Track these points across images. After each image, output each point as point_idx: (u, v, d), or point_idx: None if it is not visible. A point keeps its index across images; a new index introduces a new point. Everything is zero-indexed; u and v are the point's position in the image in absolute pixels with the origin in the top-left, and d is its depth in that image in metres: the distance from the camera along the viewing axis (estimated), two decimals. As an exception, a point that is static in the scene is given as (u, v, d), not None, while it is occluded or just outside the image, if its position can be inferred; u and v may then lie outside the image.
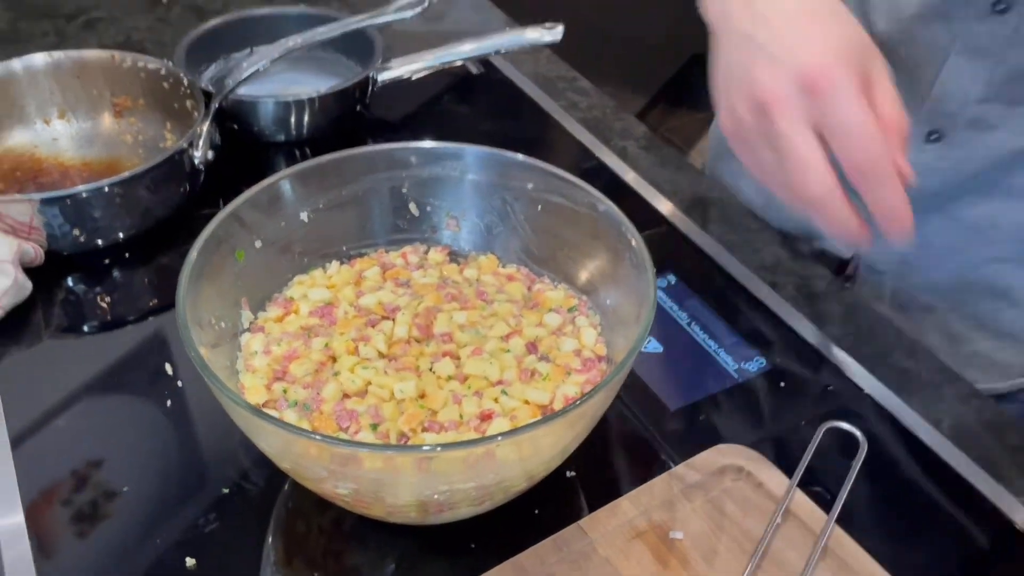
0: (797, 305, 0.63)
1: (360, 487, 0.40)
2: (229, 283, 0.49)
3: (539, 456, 0.42)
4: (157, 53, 0.77)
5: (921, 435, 0.54)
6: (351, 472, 0.39)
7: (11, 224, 0.61)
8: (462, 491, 0.41)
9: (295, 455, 0.40)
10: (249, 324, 0.50)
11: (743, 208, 0.71)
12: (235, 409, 0.39)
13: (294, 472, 0.43)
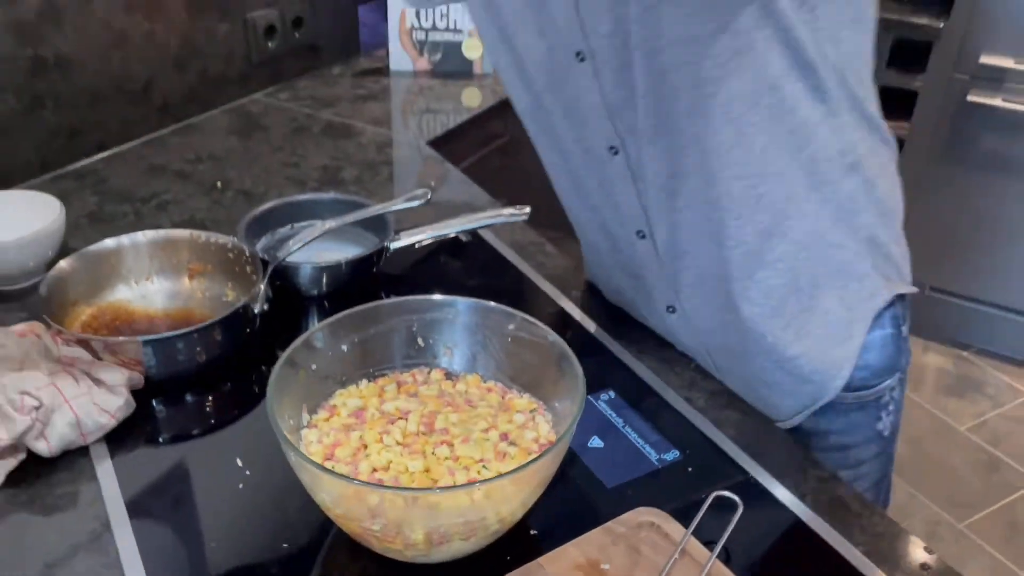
0: (704, 413, 0.84)
1: (387, 522, 0.61)
2: (294, 394, 0.70)
3: (508, 502, 0.63)
4: (215, 228, 1.00)
5: (784, 500, 0.74)
6: (380, 510, 0.60)
7: (122, 359, 0.83)
8: (454, 525, 0.61)
9: (346, 499, 0.61)
10: (307, 423, 0.72)
11: (665, 342, 0.94)
12: (307, 468, 0.60)
13: (343, 515, 0.63)
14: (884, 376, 0.88)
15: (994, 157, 2.26)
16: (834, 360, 0.84)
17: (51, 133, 1.27)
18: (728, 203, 0.77)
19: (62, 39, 1.25)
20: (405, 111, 1.60)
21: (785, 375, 0.86)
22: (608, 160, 0.81)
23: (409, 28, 1.68)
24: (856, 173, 0.79)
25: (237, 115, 1.50)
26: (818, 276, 0.82)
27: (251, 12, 1.54)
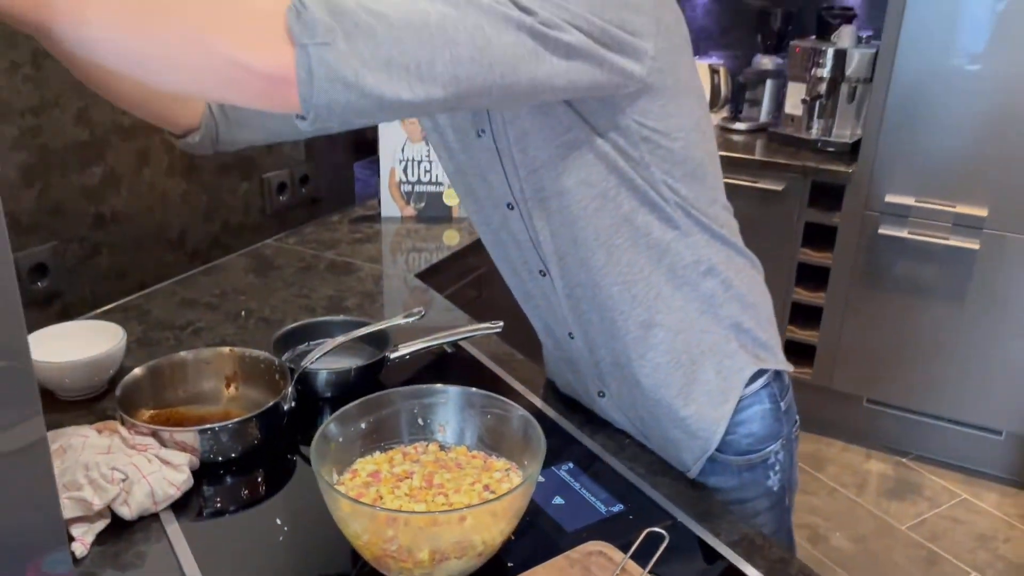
0: (642, 477, 1.08)
1: (401, 545, 0.83)
2: (327, 460, 0.93)
3: (488, 529, 0.85)
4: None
5: (702, 537, 0.97)
6: (395, 535, 0.82)
7: (182, 445, 1.06)
8: (450, 546, 0.83)
9: (373, 525, 0.83)
10: (336, 482, 0.94)
11: (606, 421, 1.18)
12: (344, 503, 0.83)
13: (368, 542, 0.85)
14: (768, 442, 1.11)
15: (906, 282, 2.58)
16: (714, 419, 1.08)
17: (104, 275, 1.53)
18: (612, 303, 1.04)
19: (118, 199, 1.53)
20: (395, 250, 1.88)
21: (681, 432, 1.10)
22: (540, 279, 1.08)
23: (397, 181, 2.00)
24: (712, 276, 1.05)
25: (254, 257, 1.78)
26: (695, 354, 1.07)
27: (266, 173, 1.85)
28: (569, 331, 1.11)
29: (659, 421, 1.10)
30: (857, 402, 2.81)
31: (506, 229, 1.07)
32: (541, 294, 1.11)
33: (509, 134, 0.97)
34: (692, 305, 1.05)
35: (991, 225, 2.42)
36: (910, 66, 2.41)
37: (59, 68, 1.38)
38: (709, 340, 1.07)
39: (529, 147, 0.97)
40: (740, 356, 1.07)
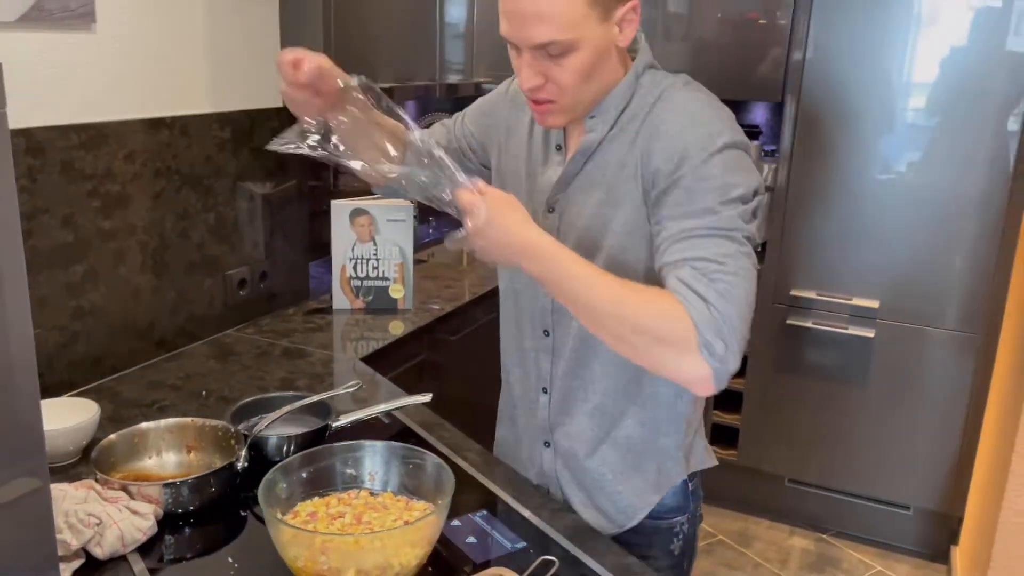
0: (545, 520, 1.27)
1: (331, 564, 1.01)
2: (272, 502, 1.12)
3: (404, 553, 1.04)
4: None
5: (592, 567, 1.17)
6: (328, 554, 1.01)
7: (149, 498, 1.24)
8: (372, 566, 1.02)
9: (308, 552, 1.01)
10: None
11: (522, 477, 1.38)
12: (284, 528, 1.01)
13: (304, 565, 1.03)
14: (676, 514, 1.35)
15: (815, 368, 2.85)
16: (641, 505, 1.32)
17: (80, 360, 1.72)
18: (598, 382, 1.28)
19: (96, 293, 1.73)
20: (344, 338, 2.09)
21: (608, 503, 1.33)
22: (542, 339, 1.32)
23: (348, 277, 2.22)
24: (686, 395, 1.28)
25: (216, 345, 1.98)
26: (649, 449, 1.30)
27: (229, 270, 2.07)
28: (544, 387, 1.33)
29: (590, 490, 1.33)
30: (780, 482, 3.02)
31: (524, 282, 1.29)
32: (534, 349, 1.33)
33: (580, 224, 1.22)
34: (661, 412, 1.28)
35: (883, 315, 2.71)
36: (805, 177, 2.74)
37: (50, 181, 1.61)
38: (663, 443, 1.31)
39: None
40: (681, 463, 1.32)
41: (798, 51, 2.66)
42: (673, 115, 1.14)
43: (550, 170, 1.26)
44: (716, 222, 1.07)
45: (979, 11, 2.43)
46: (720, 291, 1.04)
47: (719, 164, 1.08)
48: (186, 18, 1.86)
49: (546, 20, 1.05)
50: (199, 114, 1.92)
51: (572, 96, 1.14)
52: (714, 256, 1.05)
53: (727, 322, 1.03)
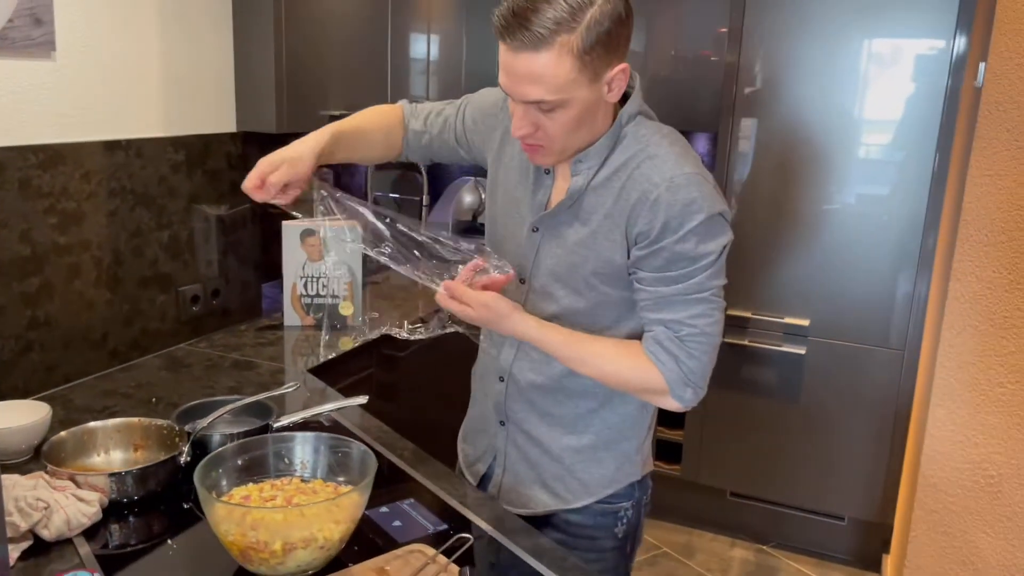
0: (467, 506, 1.37)
1: (258, 538, 1.11)
2: (208, 486, 1.21)
3: (327, 527, 1.14)
4: (160, 419, 1.54)
5: (512, 549, 1.27)
6: (256, 527, 1.10)
7: (95, 487, 1.32)
8: (297, 539, 1.11)
9: (239, 528, 1.11)
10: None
11: (449, 470, 1.48)
12: (217, 505, 1.11)
13: (235, 539, 1.12)
14: (622, 500, 1.47)
15: (751, 384, 2.98)
16: (591, 493, 1.45)
17: (34, 368, 1.80)
18: (576, 382, 1.40)
19: (51, 305, 1.82)
20: (295, 352, 2.19)
21: (561, 486, 1.45)
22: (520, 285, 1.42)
23: (299, 295, 2.33)
24: (648, 405, 1.42)
25: (167, 358, 2.07)
26: (612, 449, 1.43)
27: (182, 286, 2.16)
28: (501, 375, 1.46)
29: (545, 469, 1.45)
30: (721, 495, 3.13)
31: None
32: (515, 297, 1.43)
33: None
34: (630, 419, 1.42)
35: (813, 333, 2.85)
36: (741, 203, 2.89)
37: (9, 197, 1.70)
38: (625, 447, 1.44)
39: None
40: (636, 465, 1.46)
41: (748, 86, 2.83)
42: (658, 180, 1.23)
43: (540, 192, 1.36)
44: (687, 288, 1.25)
45: (919, 56, 2.62)
46: (690, 351, 1.26)
47: (694, 239, 1.23)
48: (142, 46, 1.98)
49: (538, 81, 1.14)
50: (154, 137, 2.03)
51: (560, 144, 1.25)
52: (685, 319, 1.26)
53: (694, 373, 1.27)
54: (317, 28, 2.32)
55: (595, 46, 1.13)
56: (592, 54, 1.14)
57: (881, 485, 2.86)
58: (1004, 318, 1.94)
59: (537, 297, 1.38)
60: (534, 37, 1.11)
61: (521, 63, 1.14)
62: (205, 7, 2.14)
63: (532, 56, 1.13)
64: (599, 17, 1.12)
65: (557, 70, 1.13)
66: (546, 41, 1.11)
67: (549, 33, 1.11)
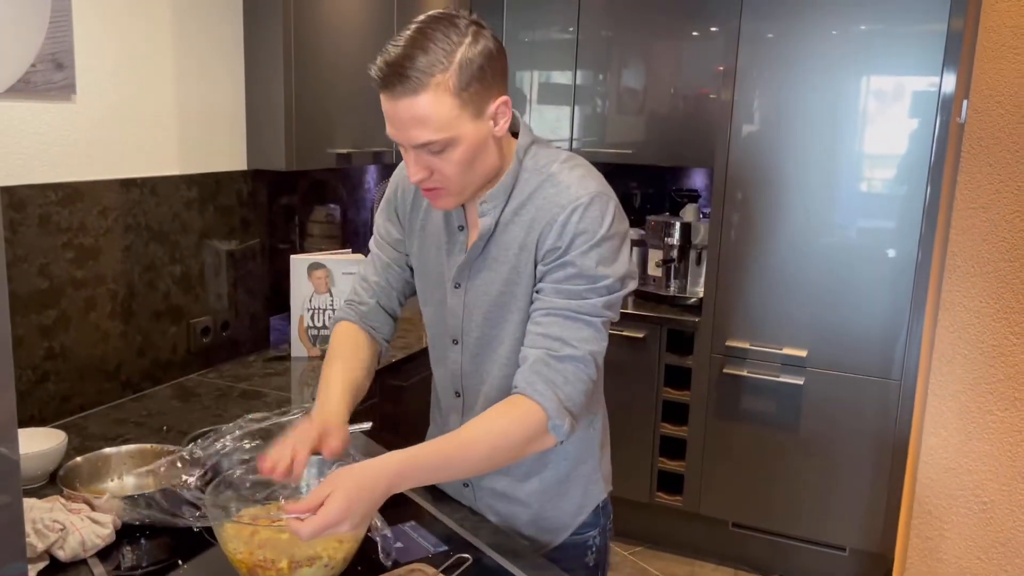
0: (467, 529, 1.42)
1: (265, 556, 1.16)
2: (217, 506, 1.26)
3: (331, 546, 1.19)
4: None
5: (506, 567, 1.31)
6: (263, 546, 1.15)
7: (109, 509, 1.38)
8: (303, 557, 1.16)
9: (248, 547, 1.16)
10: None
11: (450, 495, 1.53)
12: (224, 524, 1.16)
13: (243, 557, 1.17)
14: (588, 529, 1.51)
15: (751, 415, 3.02)
16: (568, 525, 1.48)
17: (51, 398, 1.86)
18: None
19: (67, 336, 1.89)
20: (301, 382, 2.25)
21: (534, 529, 1.48)
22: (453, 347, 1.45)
23: (305, 327, 2.39)
24: (595, 424, 1.47)
25: (178, 388, 2.13)
26: (572, 476, 1.46)
27: (193, 319, 2.23)
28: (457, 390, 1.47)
29: (516, 517, 1.48)
30: (723, 526, 3.15)
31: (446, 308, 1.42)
32: (447, 362, 1.46)
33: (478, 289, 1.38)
34: (583, 444, 1.46)
35: (811, 363, 2.90)
36: (739, 236, 2.96)
37: (29, 233, 1.78)
38: (583, 469, 1.48)
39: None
40: (600, 485, 1.50)
41: (746, 123, 2.91)
42: (565, 202, 1.28)
43: (456, 250, 1.40)
44: (580, 307, 1.27)
45: (909, 93, 2.71)
46: (567, 375, 1.26)
47: (595, 256, 1.27)
48: (158, 89, 2.07)
49: (422, 123, 1.19)
50: (168, 175, 2.11)
51: (457, 183, 1.27)
52: (570, 338, 1.27)
53: (571, 400, 1.26)
54: (325, 69, 2.42)
55: (471, 82, 1.19)
56: (469, 90, 1.19)
57: (882, 515, 2.89)
58: (992, 347, 1.99)
59: (475, 349, 1.42)
60: (411, 82, 1.16)
61: (403, 109, 1.19)
62: (218, 50, 2.24)
63: (412, 100, 1.17)
64: (471, 56, 1.18)
65: (438, 109, 1.18)
66: (422, 84, 1.16)
67: (423, 76, 1.16)
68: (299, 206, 2.72)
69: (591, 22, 3.29)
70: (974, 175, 1.96)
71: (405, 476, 1.18)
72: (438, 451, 1.23)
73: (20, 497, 1.07)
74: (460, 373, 1.45)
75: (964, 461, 2.05)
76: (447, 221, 1.40)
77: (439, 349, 1.49)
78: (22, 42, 1.73)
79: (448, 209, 1.36)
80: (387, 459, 1.19)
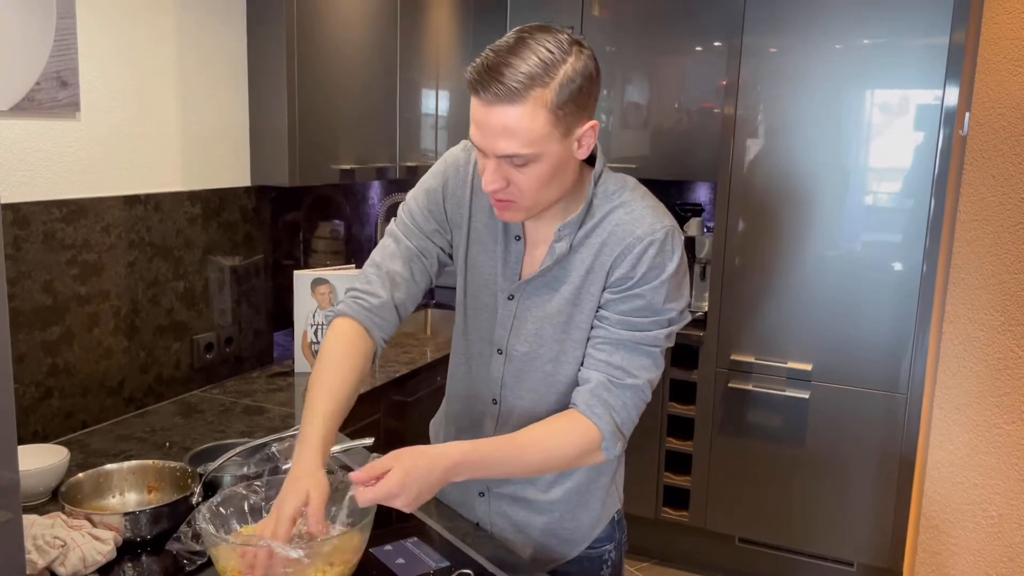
0: (469, 544, 1.41)
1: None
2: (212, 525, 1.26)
3: (333, 565, 1.18)
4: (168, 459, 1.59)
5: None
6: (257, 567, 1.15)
7: (109, 526, 1.37)
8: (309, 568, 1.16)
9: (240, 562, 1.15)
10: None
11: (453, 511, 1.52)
12: (217, 542, 1.15)
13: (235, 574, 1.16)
14: (604, 543, 1.50)
15: (756, 429, 3.00)
16: (587, 536, 1.48)
17: (54, 414, 1.86)
18: None
19: (71, 352, 1.89)
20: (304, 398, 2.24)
21: (553, 539, 1.47)
22: (497, 356, 1.43)
23: (309, 342, 2.39)
24: None
25: (181, 404, 2.13)
26: (592, 488, 1.46)
27: (197, 335, 2.23)
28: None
29: (532, 527, 1.47)
30: (730, 541, 3.13)
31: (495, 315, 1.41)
32: (487, 369, 1.44)
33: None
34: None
35: (816, 377, 2.88)
36: (743, 250, 2.96)
37: (32, 249, 1.79)
38: (603, 481, 1.48)
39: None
40: (615, 495, 1.51)
41: (749, 137, 2.91)
42: (641, 234, 1.28)
43: (511, 260, 1.39)
44: (644, 339, 1.30)
45: (913, 107, 2.71)
46: (625, 401, 1.30)
47: (662, 291, 1.29)
48: (161, 106, 2.08)
49: (512, 135, 1.16)
50: (172, 191, 2.12)
51: (531, 199, 1.25)
52: (630, 367, 1.30)
53: (625, 425, 1.31)
54: (328, 85, 2.43)
55: (567, 102, 1.16)
56: (565, 109, 1.16)
57: (890, 530, 2.86)
58: (998, 359, 1.97)
59: (520, 363, 1.41)
60: (508, 91, 1.13)
61: (495, 117, 1.16)
62: (222, 67, 2.25)
63: (506, 109, 1.15)
64: (572, 74, 1.15)
65: (532, 124, 1.15)
66: (520, 95, 1.13)
67: (523, 87, 1.13)
68: (303, 222, 2.73)
69: (594, 38, 3.31)
70: (977, 188, 1.96)
71: (464, 466, 1.22)
72: (498, 449, 1.26)
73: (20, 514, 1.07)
74: (501, 383, 1.43)
75: (971, 475, 2.03)
76: (505, 228, 1.38)
77: (479, 356, 1.46)
78: (27, 60, 1.74)
79: (513, 222, 1.34)
80: (449, 447, 1.23)
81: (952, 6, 2.56)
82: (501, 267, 1.39)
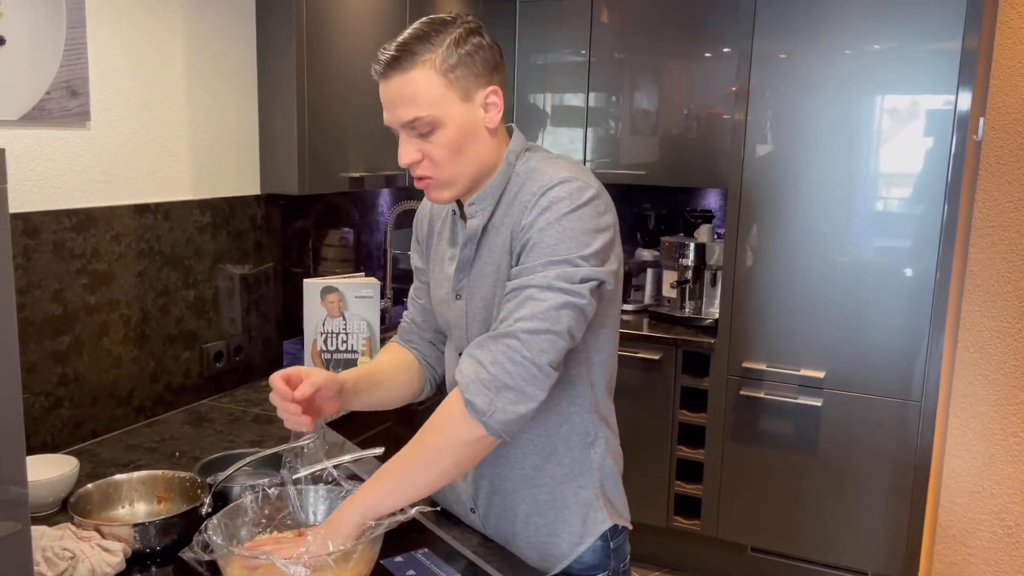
0: (478, 553, 1.40)
1: (276, 584, 1.14)
2: (221, 536, 1.25)
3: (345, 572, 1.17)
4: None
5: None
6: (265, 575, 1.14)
7: (119, 537, 1.36)
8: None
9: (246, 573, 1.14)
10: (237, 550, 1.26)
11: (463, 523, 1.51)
12: (224, 552, 1.14)
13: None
14: (596, 570, 1.44)
15: (768, 437, 2.98)
16: (568, 554, 1.41)
17: (63, 424, 1.86)
18: (515, 447, 1.39)
19: (80, 362, 1.89)
20: (313, 408, 2.23)
21: (535, 553, 1.43)
22: None
23: (319, 350, 2.38)
24: (596, 447, 1.41)
25: (191, 413, 2.12)
26: (570, 503, 1.41)
27: (206, 344, 2.23)
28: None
29: (517, 539, 1.44)
30: (742, 550, 3.10)
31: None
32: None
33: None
34: (578, 465, 1.40)
35: (828, 385, 2.86)
36: (754, 257, 2.94)
37: (42, 259, 1.78)
38: (584, 496, 1.42)
39: None
40: (603, 512, 1.41)
41: (759, 143, 2.90)
42: (534, 188, 1.27)
43: (454, 261, 1.40)
44: (529, 281, 1.22)
45: (925, 112, 2.69)
46: (497, 356, 1.20)
47: (555, 233, 1.22)
48: (171, 115, 2.08)
49: (409, 100, 1.24)
50: (181, 200, 2.12)
51: (447, 171, 1.28)
52: (509, 315, 1.22)
53: (495, 380, 1.19)
54: (337, 93, 2.43)
55: (458, 65, 1.24)
56: (457, 72, 1.24)
57: (904, 539, 2.83)
58: (1015, 367, 1.95)
59: None
60: (397, 60, 1.24)
61: (392, 88, 1.25)
62: (231, 76, 2.25)
63: (401, 77, 1.24)
64: (458, 38, 1.25)
65: (425, 86, 1.23)
66: (407, 61, 1.23)
67: (412, 56, 1.23)
68: (312, 230, 2.73)
69: (603, 44, 3.30)
70: (992, 193, 1.94)
71: (363, 500, 1.24)
72: (392, 482, 1.25)
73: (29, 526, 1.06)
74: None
75: (988, 484, 2.00)
76: (452, 238, 1.41)
77: (451, 361, 1.48)
78: (37, 70, 1.74)
79: (443, 203, 1.35)
80: (350, 508, 1.25)
81: (964, 11, 2.54)
82: (453, 271, 1.40)
